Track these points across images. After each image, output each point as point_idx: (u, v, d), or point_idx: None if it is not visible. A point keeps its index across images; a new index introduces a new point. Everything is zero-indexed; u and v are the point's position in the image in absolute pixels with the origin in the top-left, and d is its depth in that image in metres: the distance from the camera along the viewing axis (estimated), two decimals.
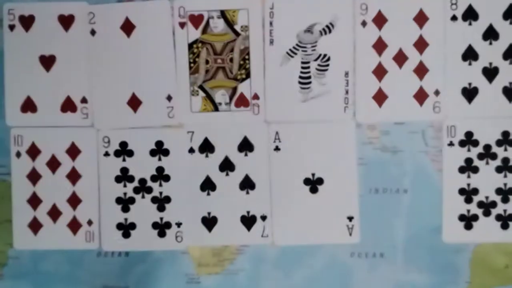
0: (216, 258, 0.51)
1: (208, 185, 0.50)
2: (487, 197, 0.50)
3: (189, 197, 0.51)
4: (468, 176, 0.50)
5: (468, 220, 0.50)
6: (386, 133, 0.50)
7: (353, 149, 0.50)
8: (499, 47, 0.49)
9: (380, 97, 0.49)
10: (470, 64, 0.49)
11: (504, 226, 0.50)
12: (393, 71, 0.49)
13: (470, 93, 0.49)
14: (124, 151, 0.50)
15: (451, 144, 0.49)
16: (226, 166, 0.50)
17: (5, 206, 0.51)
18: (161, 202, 0.51)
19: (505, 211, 0.50)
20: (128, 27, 0.50)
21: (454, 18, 0.49)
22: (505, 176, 0.50)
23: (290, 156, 0.50)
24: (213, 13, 0.49)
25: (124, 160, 0.50)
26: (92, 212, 0.51)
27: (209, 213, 0.51)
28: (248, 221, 0.50)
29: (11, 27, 0.50)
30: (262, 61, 0.50)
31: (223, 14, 0.49)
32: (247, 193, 0.50)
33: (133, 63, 0.50)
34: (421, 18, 0.49)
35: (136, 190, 0.51)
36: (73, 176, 0.51)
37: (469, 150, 0.49)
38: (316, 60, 0.50)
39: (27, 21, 0.50)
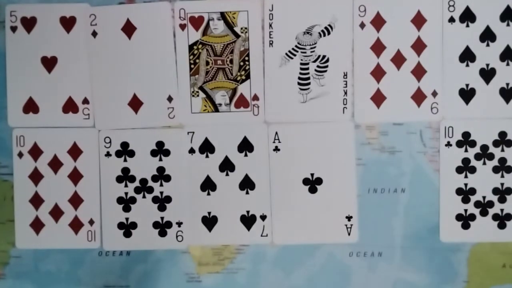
0: (216, 257, 0.51)
1: (208, 185, 0.51)
2: (484, 197, 0.50)
3: (189, 197, 0.51)
4: (466, 176, 0.50)
5: (465, 220, 0.50)
6: (384, 133, 0.50)
7: (352, 150, 0.50)
8: (496, 49, 0.49)
9: (378, 98, 0.50)
10: (467, 65, 0.49)
11: (501, 226, 0.50)
12: (391, 72, 0.50)
13: (467, 94, 0.50)
14: (125, 151, 0.51)
15: (448, 144, 0.50)
16: (226, 166, 0.51)
17: (8, 206, 0.51)
18: (162, 202, 0.51)
19: (502, 210, 0.50)
20: (129, 28, 0.50)
21: (451, 20, 0.49)
22: (502, 176, 0.50)
23: (290, 157, 0.50)
24: (213, 15, 0.50)
25: (125, 160, 0.51)
26: (93, 212, 0.51)
27: (209, 213, 0.51)
28: (248, 220, 0.51)
29: (13, 29, 0.50)
30: (262, 62, 0.50)
31: (223, 16, 0.50)
32: (247, 193, 0.51)
33: (134, 64, 0.50)
34: (419, 20, 0.49)
35: (137, 190, 0.51)
36: (75, 176, 0.51)
37: (466, 150, 0.50)
38: (315, 61, 0.50)
39: (29, 23, 0.50)
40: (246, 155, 0.50)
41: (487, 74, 0.49)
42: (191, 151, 0.51)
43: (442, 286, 0.51)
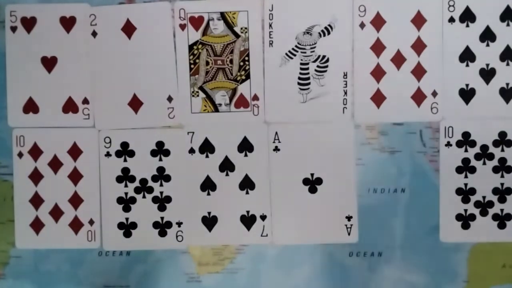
0: (216, 257, 0.51)
1: (208, 185, 0.51)
2: (484, 197, 0.50)
3: (189, 197, 0.51)
4: (465, 176, 0.50)
5: (465, 220, 0.50)
6: (384, 133, 0.50)
7: (352, 150, 0.50)
8: (496, 49, 0.49)
9: (378, 98, 0.50)
10: (467, 65, 0.49)
11: (501, 226, 0.50)
12: (391, 73, 0.50)
13: (467, 94, 0.50)
14: (125, 151, 0.51)
15: (448, 144, 0.50)
16: (226, 166, 0.51)
17: (7, 206, 0.51)
18: (162, 202, 0.51)
19: (502, 210, 0.50)
20: (129, 28, 0.50)
21: (451, 19, 0.49)
22: (502, 176, 0.50)
23: (289, 157, 0.50)
24: (213, 15, 0.50)
25: (125, 160, 0.51)
26: (93, 212, 0.51)
27: (209, 213, 0.51)
28: (248, 220, 0.51)
29: (13, 29, 0.50)
30: (262, 62, 0.50)
31: (223, 16, 0.50)
32: (247, 193, 0.51)
33: (134, 64, 0.50)
34: (419, 20, 0.49)
35: (137, 190, 0.51)
36: (75, 176, 0.51)
37: (466, 150, 0.50)
38: (315, 61, 0.50)
39: (29, 23, 0.50)
40: (246, 155, 0.50)
41: (487, 74, 0.49)
42: (191, 151, 0.51)
43: (442, 286, 0.51)
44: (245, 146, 0.50)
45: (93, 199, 0.51)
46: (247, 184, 0.51)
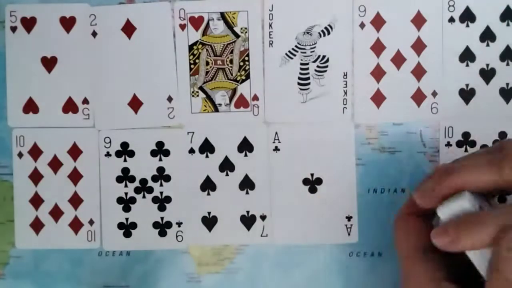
0: (216, 258, 0.51)
1: (208, 185, 0.51)
2: None
3: (189, 197, 0.51)
4: None
5: None
6: (384, 133, 0.50)
7: (352, 150, 0.50)
8: (496, 49, 0.49)
9: (378, 98, 0.50)
10: (467, 65, 0.49)
11: None
12: (391, 73, 0.50)
13: (467, 94, 0.50)
14: (125, 151, 0.51)
15: (448, 144, 0.50)
16: (226, 166, 0.51)
17: (7, 206, 0.51)
18: (162, 202, 0.51)
19: None
20: (129, 28, 0.50)
21: (451, 19, 0.49)
22: None
23: (289, 157, 0.50)
24: (213, 15, 0.50)
25: (125, 160, 0.51)
26: (93, 212, 0.51)
27: (209, 213, 0.51)
28: (248, 220, 0.51)
29: (13, 29, 0.50)
30: (262, 62, 0.50)
31: (223, 16, 0.50)
32: (247, 193, 0.51)
33: (134, 64, 0.50)
34: (419, 20, 0.49)
35: (137, 190, 0.51)
36: (75, 176, 0.51)
37: (466, 150, 0.50)
38: (315, 61, 0.50)
39: (29, 23, 0.50)
40: (246, 155, 0.50)
41: (487, 74, 0.49)
42: (191, 151, 0.51)
43: None
44: (245, 146, 0.50)
45: (93, 199, 0.51)
46: (247, 184, 0.51)
